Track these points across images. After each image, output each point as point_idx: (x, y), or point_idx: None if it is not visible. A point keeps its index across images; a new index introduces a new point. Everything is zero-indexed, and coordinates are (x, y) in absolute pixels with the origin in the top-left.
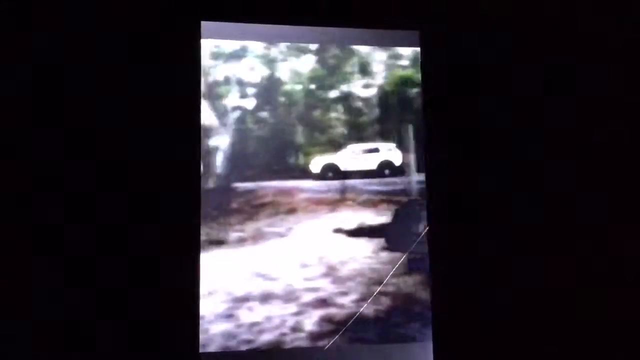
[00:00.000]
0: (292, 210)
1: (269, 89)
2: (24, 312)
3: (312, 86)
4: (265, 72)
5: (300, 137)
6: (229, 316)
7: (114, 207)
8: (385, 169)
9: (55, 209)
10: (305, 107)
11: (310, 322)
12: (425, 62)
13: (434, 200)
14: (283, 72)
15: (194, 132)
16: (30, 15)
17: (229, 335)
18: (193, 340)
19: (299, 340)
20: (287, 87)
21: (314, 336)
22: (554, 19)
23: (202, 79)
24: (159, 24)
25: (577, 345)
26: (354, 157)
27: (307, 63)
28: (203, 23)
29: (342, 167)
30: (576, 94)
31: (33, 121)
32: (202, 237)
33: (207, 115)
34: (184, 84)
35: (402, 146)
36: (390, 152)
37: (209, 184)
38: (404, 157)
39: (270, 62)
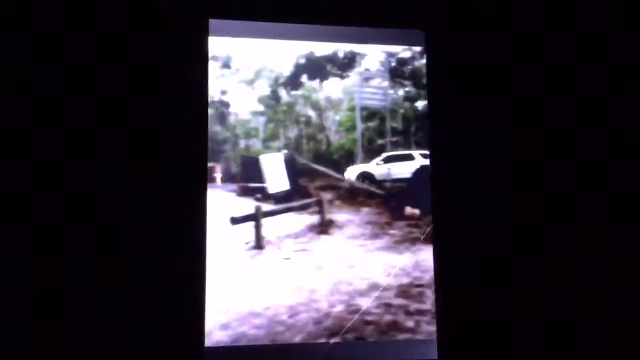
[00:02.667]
0: None
1: None
2: (24, 311)
3: None
4: None
5: None
6: None
7: (116, 206)
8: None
9: (55, 209)
10: None
11: None
12: (430, 62)
13: (438, 199)
14: None
15: (201, 131)
16: (31, 11)
17: None
18: (198, 336)
19: None
20: None
21: None
22: (556, 18)
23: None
24: (166, 21)
25: (579, 344)
26: (388, 165)
27: None
28: (211, 21)
29: (377, 175)
30: (576, 94)
31: (33, 121)
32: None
33: None
34: (192, 82)
35: None
36: (427, 160)
37: None
38: None
39: None
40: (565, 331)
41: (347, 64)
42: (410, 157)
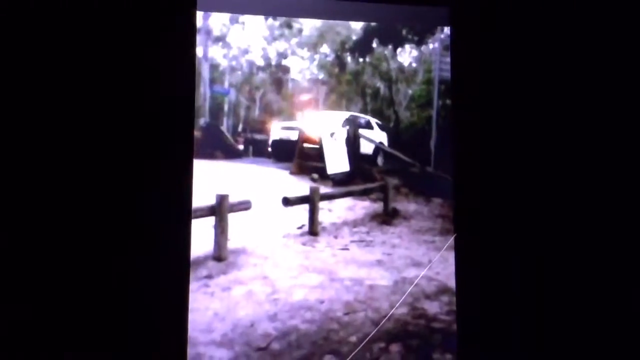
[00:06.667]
0: None
1: None
2: (23, 310)
3: None
4: None
5: None
6: None
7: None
8: (379, 154)
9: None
10: None
11: None
12: (456, 42)
13: (461, 198)
14: None
15: (187, 112)
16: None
17: None
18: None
19: None
20: None
21: None
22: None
23: None
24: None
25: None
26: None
27: None
28: None
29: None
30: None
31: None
32: None
33: None
34: (179, 58)
35: None
36: (382, 132)
37: None
38: None
39: None
40: (566, 331)
41: (426, 28)
42: (368, 126)
